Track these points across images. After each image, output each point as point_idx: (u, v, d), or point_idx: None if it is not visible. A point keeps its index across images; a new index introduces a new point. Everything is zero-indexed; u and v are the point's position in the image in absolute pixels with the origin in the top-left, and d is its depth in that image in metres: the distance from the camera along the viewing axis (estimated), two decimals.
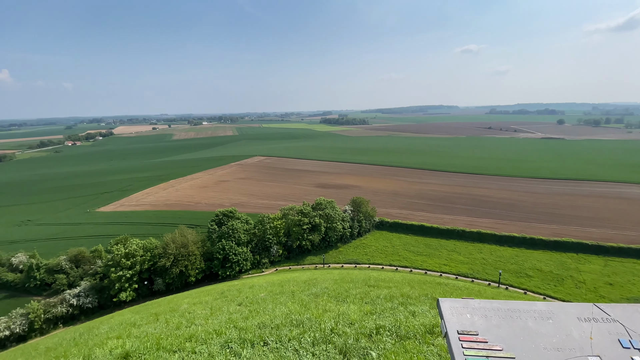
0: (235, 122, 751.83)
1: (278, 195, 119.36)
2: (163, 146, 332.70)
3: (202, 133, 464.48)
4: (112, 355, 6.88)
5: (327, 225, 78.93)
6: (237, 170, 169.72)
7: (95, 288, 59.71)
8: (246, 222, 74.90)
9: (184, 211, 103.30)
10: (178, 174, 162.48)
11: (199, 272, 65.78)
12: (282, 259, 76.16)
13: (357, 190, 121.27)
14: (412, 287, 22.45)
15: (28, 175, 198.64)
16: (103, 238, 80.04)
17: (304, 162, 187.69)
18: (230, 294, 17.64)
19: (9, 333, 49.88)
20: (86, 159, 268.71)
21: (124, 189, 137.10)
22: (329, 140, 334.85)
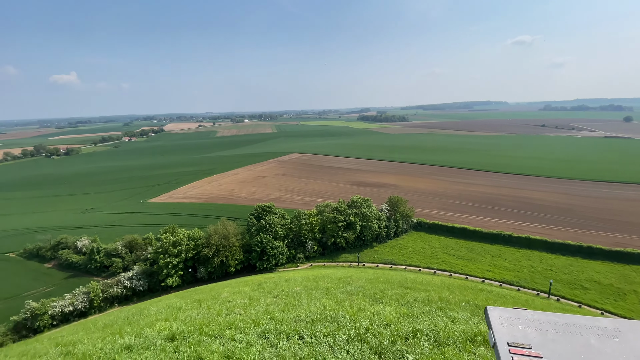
0: (274, 119, 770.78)
1: (314, 192, 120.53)
2: (208, 142, 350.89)
3: (244, 130, 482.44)
4: (160, 335, 7.40)
5: (362, 224, 78.20)
6: (275, 166, 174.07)
7: (146, 272, 64.79)
8: (283, 217, 76.61)
9: (225, 204, 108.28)
10: (221, 169, 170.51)
11: (238, 263, 68.65)
12: (317, 255, 76.88)
13: (395, 189, 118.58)
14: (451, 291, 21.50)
15: (91, 167, 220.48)
16: (153, 227, 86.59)
17: (340, 160, 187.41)
18: (267, 285, 18.17)
19: (73, 309, 55.89)
20: (140, 153, 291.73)
21: (172, 182, 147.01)
22: (366, 137, 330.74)
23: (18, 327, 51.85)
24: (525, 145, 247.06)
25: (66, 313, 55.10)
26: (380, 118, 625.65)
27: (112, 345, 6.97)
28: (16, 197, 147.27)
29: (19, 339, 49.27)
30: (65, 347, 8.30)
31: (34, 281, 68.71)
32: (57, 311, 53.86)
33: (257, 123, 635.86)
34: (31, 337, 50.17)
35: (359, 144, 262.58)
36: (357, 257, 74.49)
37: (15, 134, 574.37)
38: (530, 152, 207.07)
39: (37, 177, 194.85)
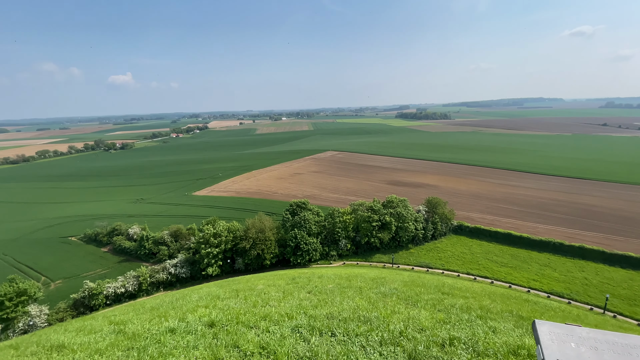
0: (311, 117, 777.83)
1: (348, 190, 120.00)
2: (247, 139, 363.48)
3: (281, 128, 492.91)
4: (201, 322, 7.85)
5: (398, 225, 76.47)
6: (311, 163, 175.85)
7: (189, 261, 68.89)
8: (317, 214, 77.25)
9: (262, 199, 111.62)
10: (259, 165, 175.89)
11: (273, 257, 70.54)
12: (350, 253, 76.59)
13: (434, 189, 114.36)
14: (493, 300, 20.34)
15: (142, 161, 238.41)
16: (196, 218, 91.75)
17: (377, 158, 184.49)
18: (300, 280, 18.47)
19: (124, 290, 61.02)
20: (186, 149, 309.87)
21: (214, 177, 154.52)
22: (404, 135, 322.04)
23: (77, 304, 57.74)
24: (583, 146, 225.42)
25: (118, 294, 60.31)
26: (420, 115, 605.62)
27: (158, 327, 7.53)
28: (78, 186, 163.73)
29: (77, 315, 54.93)
30: (117, 325, 9.10)
31: (91, 263, 76.03)
32: (110, 292, 59.15)
33: (294, 121, 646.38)
34: (87, 315, 55.65)
35: (396, 142, 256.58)
36: (391, 258, 73.07)
37: (78, 130, 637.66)
38: (587, 154, 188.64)
39: (96, 169, 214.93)
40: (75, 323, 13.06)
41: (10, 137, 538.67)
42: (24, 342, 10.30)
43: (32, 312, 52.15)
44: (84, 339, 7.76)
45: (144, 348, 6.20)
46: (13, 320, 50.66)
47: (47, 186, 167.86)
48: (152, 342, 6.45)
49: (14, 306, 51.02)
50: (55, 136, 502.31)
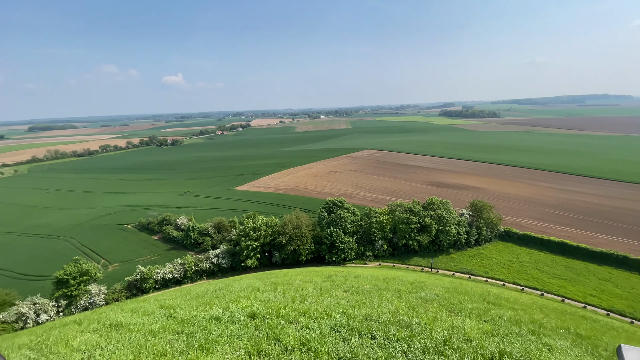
0: (349, 115, 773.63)
1: (386, 190, 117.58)
2: (287, 137, 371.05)
3: (320, 126, 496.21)
4: (243, 312, 8.09)
5: (438, 228, 73.44)
6: (348, 162, 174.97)
7: (230, 252, 72.10)
8: (353, 214, 76.71)
9: (299, 196, 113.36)
10: (297, 162, 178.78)
11: (308, 253, 71.41)
12: (386, 254, 75.08)
13: (479, 192, 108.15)
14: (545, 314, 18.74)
15: (190, 156, 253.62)
16: (237, 212, 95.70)
17: (417, 158, 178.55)
18: (337, 279, 18.41)
19: (171, 276, 65.49)
20: (229, 146, 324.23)
21: (255, 173, 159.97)
22: (447, 134, 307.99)
23: (130, 286, 63.07)
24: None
25: (166, 279, 64.89)
26: (466, 113, 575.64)
27: (204, 315, 7.90)
28: (133, 178, 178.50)
29: (130, 297, 60.01)
30: (167, 309, 9.70)
31: (143, 249, 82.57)
32: (159, 277, 63.82)
33: (332, 119, 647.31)
34: (139, 296, 60.50)
35: (438, 142, 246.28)
36: (430, 262, 70.43)
37: (135, 127, 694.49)
38: None
39: (150, 163, 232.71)
40: (130, 304, 14.13)
41: (77, 132, 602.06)
42: (86, 319, 11.30)
43: (93, 291, 57.92)
44: (139, 320, 8.37)
45: (192, 333, 6.54)
46: (76, 297, 56.61)
47: (107, 177, 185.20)
48: (199, 329, 6.79)
49: (77, 285, 56.95)
50: (116, 132, 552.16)
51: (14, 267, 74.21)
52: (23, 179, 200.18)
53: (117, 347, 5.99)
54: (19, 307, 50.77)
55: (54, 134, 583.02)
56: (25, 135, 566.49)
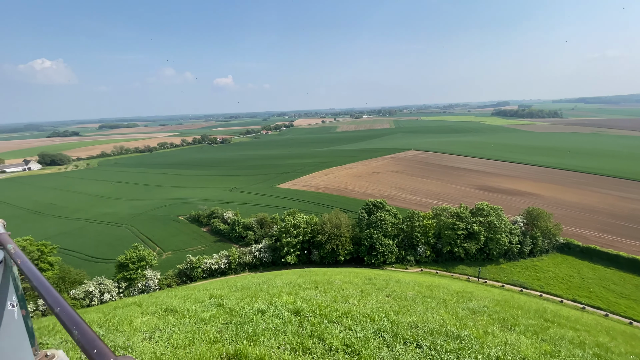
0: (393, 115, 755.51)
1: (430, 192, 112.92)
2: (328, 137, 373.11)
3: (362, 126, 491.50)
4: (287, 308, 8.25)
5: (487, 235, 68.89)
6: (390, 163, 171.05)
7: (271, 247, 74.39)
8: (394, 216, 74.82)
9: (339, 196, 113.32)
10: (338, 162, 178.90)
11: (347, 253, 71.13)
12: (429, 260, 72.15)
13: (535, 199, 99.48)
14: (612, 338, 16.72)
15: (237, 154, 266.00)
16: (279, 209, 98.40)
17: (466, 160, 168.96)
18: (377, 282, 18.07)
19: (217, 267, 69.21)
20: (273, 145, 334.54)
21: (296, 171, 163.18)
22: (500, 135, 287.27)
23: (180, 273, 67.80)
24: None
25: (212, 270, 68.74)
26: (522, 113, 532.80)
27: (251, 307, 8.19)
28: (186, 173, 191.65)
29: (180, 283, 64.54)
30: (216, 299, 10.22)
31: (193, 240, 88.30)
32: (206, 267, 67.81)
33: (375, 119, 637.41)
34: (188, 284, 64.78)
35: (490, 143, 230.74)
36: (477, 271, 66.30)
37: (189, 126, 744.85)
38: None
39: (201, 159, 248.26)
40: (181, 291, 15.04)
41: (139, 130, 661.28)
42: (145, 301, 12.24)
43: (149, 276, 63.25)
44: (191, 307, 8.92)
45: (240, 324, 6.82)
46: (134, 280, 62.19)
47: (164, 172, 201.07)
48: (246, 320, 7.05)
49: (136, 269, 62.52)
50: (172, 131, 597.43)
51: (84, 249, 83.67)
52: (93, 172, 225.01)
53: (173, 331, 6.45)
54: (87, 286, 57.08)
55: (120, 131, 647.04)
56: (96, 133, 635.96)
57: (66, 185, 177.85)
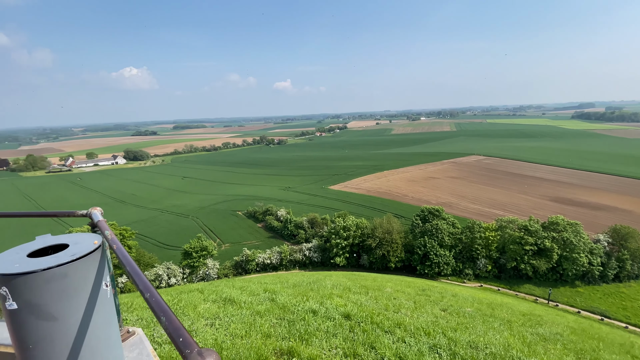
0: (454, 117, 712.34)
1: (494, 202, 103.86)
2: (382, 139, 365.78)
3: (419, 128, 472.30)
4: (338, 311, 8.22)
5: (562, 254, 61.18)
6: (449, 168, 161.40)
7: (320, 247, 75.29)
8: (452, 225, 70.39)
9: (391, 200, 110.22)
10: (391, 165, 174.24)
11: (398, 261, 68.86)
12: (490, 276, 66.45)
13: (623, 215, 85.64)
14: None
15: (292, 155, 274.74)
16: (329, 210, 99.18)
17: (538, 167, 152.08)
18: (432, 294, 17.13)
19: (269, 262, 72.14)
20: (326, 146, 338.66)
21: (348, 173, 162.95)
22: (581, 141, 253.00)
23: (236, 265, 72.06)
24: None
25: (265, 264, 71.87)
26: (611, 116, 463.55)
27: (302, 306, 8.33)
28: (245, 172, 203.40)
29: (236, 274, 68.61)
30: (270, 293, 10.61)
31: (249, 234, 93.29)
32: (260, 261, 71.12)
33: (433, 121, 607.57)
34: (243, 276, 68.58)
35: (568, 149, 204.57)
36: (547, 292, 59.19)
37: (250, 127, 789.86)
38: None
39: (259, 159, 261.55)
40: (238, 282, 15.87)
41: (206, 131, 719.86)
42: (206, 289, 13.16)
43: (209, 265, 68.39)
44: (247, 299, 9.39)
45: (292, 322, 6.99)
46: (196, 268, 67.71)
47: (226, 170, 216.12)
48: (298, 319, 7.19)
49: (198, 257, 68.01)
50: (235, 132, 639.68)
51: (156, 236, 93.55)
52: (167, 167, 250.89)
53: (232, 321, 6.86)
54: (157, 269, 63.68)
55: (190, 132, 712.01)
56: (170, 133, 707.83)
57: (145, 178, 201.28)
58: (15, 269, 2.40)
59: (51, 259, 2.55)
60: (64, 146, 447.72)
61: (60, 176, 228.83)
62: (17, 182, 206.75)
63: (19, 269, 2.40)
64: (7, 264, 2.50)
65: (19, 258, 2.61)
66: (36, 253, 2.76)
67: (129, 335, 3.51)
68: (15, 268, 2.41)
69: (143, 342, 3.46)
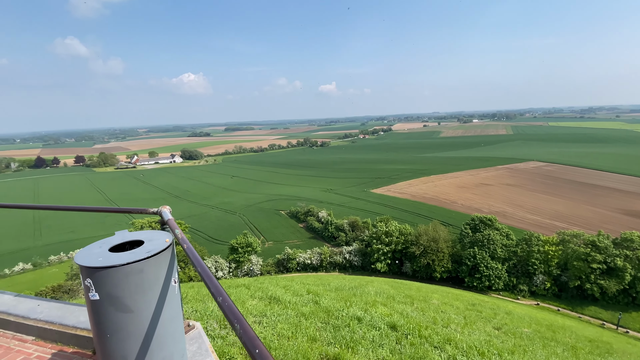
0: (511, 119, 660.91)
1: (556, 213, 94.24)
2: (429, 142, 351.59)
3: (470, 131, 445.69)
4: (383, 320, 7.99)
5: (636, 274, 53.59)
6: (504, 174, 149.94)
7: (361, 252, 74.35)
8: (506, 236, 65.24)
9: (438, 207, 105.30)
10: (439, 170, 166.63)
11: (444, 271, 65.51)
12: (548, 294, 60.39)
13: None
14: None
15: (334, 157, 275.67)
16: (371, 214, 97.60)
17: (610, 176, 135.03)
18: (483, 310, 15.97)
19: (309, 262, 72.88)
20: (369, 149, 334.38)
21: (392, 177, 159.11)
22: None
23: (278, 263, 73.92)
24: None
25: (305, 264, 72.78)
26: None
27: (347, 312, 8.23)
28: (289, 173, 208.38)
29: (277, 272, 70.39)
30: (313, 295, 10.66)
31: (291, 234, 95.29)
32: (300, 260, 72.22)
33: (487, 123, 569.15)
34: (284, 274, 70.16)
35: None
36: (617, 317, 52.20)
37: (294, 129, 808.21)
38: None
39: (302, 160, 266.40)
40: (282, 281, 16.20)
41: (254, 133, 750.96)
42: (252, 285, 13.59)
43: (253, 261, 71.05)
44: (292, 299, 9.53)
45: (337, 327, 6.92)
46: (241, 263, 70.68)
47: (272, 170, 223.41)
48: (343, 325, 7.10)
49: (244, 253, 70.96)
50: (280, 134, 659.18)
51: (206, 231, 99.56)
52: (218, 167, 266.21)
53: (278, 320, 7.00)
54: (206, 262, 67.65)
55: (240, 134, 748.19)
56: (222, 134, 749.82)
57: (198, 176, 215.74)
58: (99, 262, 2.64)
59: (129, 254, 2.77)
60: (130, 145, 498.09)
61: (126, 172, 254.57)
62: (91, 177, 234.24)
63: (102, 262, 2.63)
64: (92, 257, 2.76)
65: (102, 252, 2.88)
66: (115, 248, 3.03)
67: (190, 329, 3.72)
68: (99, 262, 2.65)
69: (202, 337, 3.65)
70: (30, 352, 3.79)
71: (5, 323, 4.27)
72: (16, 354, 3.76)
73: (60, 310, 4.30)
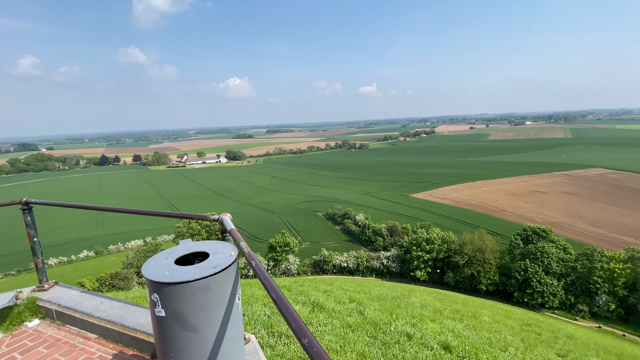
0: (570, 121, 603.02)
1: (623, 226, 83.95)
2: (476, 146, 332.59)
3: (523, 134, 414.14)
4: (435, 339, 7.44)
5: None
6: (561, 181, 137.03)
7: (400, 258, 72.16)
8: (563, 250, 59.36)
9: (485, 215, 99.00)
10: (486, 175, 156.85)
11: (490, 283, 61.33)
12: (613, 316, 53.86)
13: None
14: None
15: (373, 160, 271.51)
16: (410, 219, 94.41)
17: None
18: (541, 332, 14.50)
19: (346, 265, 72.24)
20: (410, 152, 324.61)
21: (434, 182, 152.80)
22: None
23: (314, 264, 74.21)
24: None
25: (341, 267, 72.32)
26: None
27: (395, 326, 7.78)
28: (327, 174, 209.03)
29: (313, 273, 70.69)
30: (357, 304, 10.32)
31: (327, 236, 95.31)
32: (336, 263, 71.89)
33: (542, 126, 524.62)
34: (320, 275, 70.26)
35: None
36: None
37: (333, 131, 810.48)
38: None
39: (340, 162, 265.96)
40: (321, 285, 15.99)
41: (294, 135, 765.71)
42: (293, 287, 13.54)
43: (290, 260, 72.13)
44: (335, 307, 9.27)
45: (387, 344, 6.52)
46: (279, 262, 72.05)
47: (310, 172, 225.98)
48: (392, 341, 6.65)
49: (281, 252, 72.28)
50: (319, 136, 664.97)
51: (247, 229, 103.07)
52: (259, 167, 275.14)
53: (324, 331, 6.77)
54: None
55: (280, 135, 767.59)
56: (263, 136, 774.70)
57: (241, 176, 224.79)
58: (167, 277, 2.49)
59: (196, 269, 2.62)
60: (180, 146, 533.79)
61: (177, 171, 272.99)
62: (146, 174, 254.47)
63: (170, 277, 2.49)
64: (159, 270, 2.62)
65: (168, 264, 2.74)
66: (180, 259, 2.93)
67: (246, 342, 3.62)
68: (166, 276, 2.51)
69: (257, 352, 3.53)
70: (93, 352, 3.90)
71: (71, 319, 4.49)
72: (80, 353, 3.89)
73: (122, 309, 4.43)
